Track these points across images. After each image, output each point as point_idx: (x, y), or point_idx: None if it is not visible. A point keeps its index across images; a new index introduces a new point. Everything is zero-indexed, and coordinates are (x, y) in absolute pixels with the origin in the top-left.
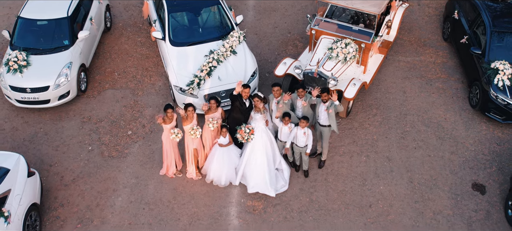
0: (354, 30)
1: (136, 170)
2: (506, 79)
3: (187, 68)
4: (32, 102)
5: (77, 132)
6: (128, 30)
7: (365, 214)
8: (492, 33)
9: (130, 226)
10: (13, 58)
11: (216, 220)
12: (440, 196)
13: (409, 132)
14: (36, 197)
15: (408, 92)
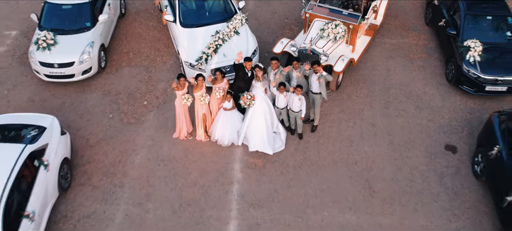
0: (344, 14)
1: (151, 134)
2: (477, 55)
3: (196, 47)
4: (58, 76)
5: (99, 102)
6: (140, 16)
7: (351, 169)
8: (466, 16)
9: (148, 178)
10: (42, 37)
11: (222, 174)
12: (417, 155)
13: (391, 102)
14: (67, 152)
15: (392, 69)
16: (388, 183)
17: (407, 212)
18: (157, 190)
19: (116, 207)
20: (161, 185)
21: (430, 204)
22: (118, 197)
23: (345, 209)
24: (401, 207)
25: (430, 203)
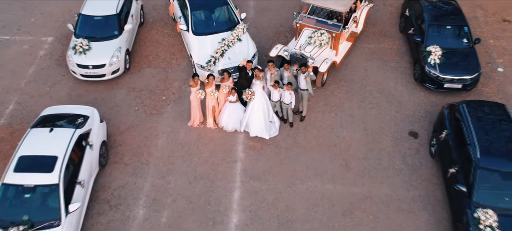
0: (328, 24)
1: (170, 123)
2: (437, 58)
3: (206, 51)
4: (92, 76)
5: (126, 97)
6: (157, 24)
7: (331, 150)
8: (429, 25)
9: (169, 157)
10: (79, 44)
11: (228, 154)
12: (385, 139)
13: (367, 97)
14: (105, 136)
15: (369, 70)
16: (361, 161)
17: (375, 184)
18: (176, 166)
19: (144, 179)
20: (179, 162)
21: (393, 177)
22: (145, 172)
23: (325, 181)
24: (370, 179)
25: (394, 176)
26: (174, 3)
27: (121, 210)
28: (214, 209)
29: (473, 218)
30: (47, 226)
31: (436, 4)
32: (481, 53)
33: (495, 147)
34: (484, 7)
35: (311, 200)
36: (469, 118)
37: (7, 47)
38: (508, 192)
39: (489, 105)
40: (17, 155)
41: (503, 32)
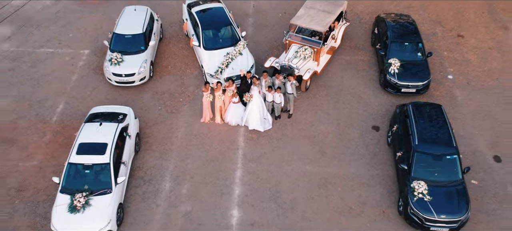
0: (311, 40)
1: (187, 119)
2: (396, 69)
3: (214, 63)
4: (124, 82)
5: (151, 99)
6: (173, 40)
7: (312, 140)
8: (391, 42)
9: (186, 145)
10: (114, 57)
11: (232, 143)
12: (353, 132)
13: (341, 99)
14: (138, 129)
15: (344, 77)
16: (334, 148)
17: (343, 165)
18: (192, 152)
19: (168, 161)
20: (195, 149)
21: (358, 161)
22: (169, 156)
23: (306, 163)
24: (340, 162)
25: (359, 160)
26: (187, 22)
27: (152, 184)
28: (222, 183)
29: (410, 188)
30: (102, 193)
31: (398, 24)
32: (435, 63)
33: (429, 137)
34: (443, 24)
35: (295, 177)
36: (412, 115)
37: (52, 59)
38: (436, 169)
39: (429, 105)
40: (77, 142)
41: (457, 45)
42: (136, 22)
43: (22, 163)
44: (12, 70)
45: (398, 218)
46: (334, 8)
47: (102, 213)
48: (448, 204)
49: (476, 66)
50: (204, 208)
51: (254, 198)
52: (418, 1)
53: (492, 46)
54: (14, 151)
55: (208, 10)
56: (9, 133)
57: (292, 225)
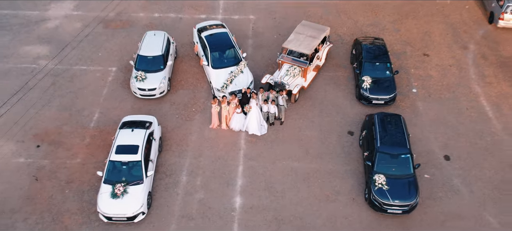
0: (300, 61)
1: (199, 125)
2: (368, 84)
3: (220, 79)
4: (147, 95)
5: (169, 109)
6: (186, 59)
7: (299, 143)
8: (364, 62)
9: (199, 147)
10: (138, 74)
11: (235, 144)
12: (333, 136)
13: (324, 109)
14: (160, 134)
15: (327, 91)
16: (317, 149)
17: (323, 162)
18: (204, 151)
19: (185, 159)
20: (206, 149)
21: (335, 159)
22: (185, 155)
23: (294, 160)
24: (321, 160)
25: (335, 158)
26: (198, 45)
27: (173, 177)
28: (227, 176)
29: (373, 179)
30: (136, 183)
31: (371, 47)
32: (403, 79)
33: (388, 140)
34: (412, 45)
35: (285, 172)
36: (377, 123)
37: (86, 75)
38: (393, 165)
39: (391, 115)
40: (115, 144)
41: (422, 63)
42: (156, 45)
43: (68, 160)
44: (53, 85)
45: (364, 203)
46: (319, 33)
47: (136, 198)
48: (401, 192)
49: (436, 81)
50: (214, 195)
51: (252, 188)
52: (392, 24)
53: (452, 64)
54: (61, 151)
55: (215, 34)
56: (56, 136)
57: (282, 208)
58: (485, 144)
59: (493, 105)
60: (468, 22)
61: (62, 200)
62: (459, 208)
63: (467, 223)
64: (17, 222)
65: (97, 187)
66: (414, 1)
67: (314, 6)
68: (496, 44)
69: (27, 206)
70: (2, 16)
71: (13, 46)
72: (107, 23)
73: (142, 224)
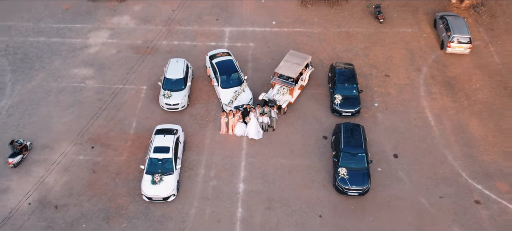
0: (288, 82)
1: (211, 131)
2: (338, 101)
3: (227, 97)
4: (172, 109)
5: (189, 119)
6: (200, 79)
7: (286, 145)
8: (337, 82)
9: (212, 148)
10: (165, 93)
11: (238, 146)
12: (312, 140)
13: (306, 119)
14: (184, 138)
15: (309, 105)
16: (299, 150)
17: (303, 159)
18: (215, 151)
19: (202, 157)
20: (217, 150)
21: (313, 157)
22: (202, 154)
23: (282, 158)
24: (302, 158)
25: (313, 156)
26: (209, 69)
27: (193, 170)
28: (233, 169)
29: (337, 171)
30: (168, 174)
31: (343, 71)
32: (368, 95)
33: (350, 142)
34: (377, 67)
35: (275, 166)
36: (342, 130)
37: (124, 92)
38: (353, 161)
39: (353, 124)
40: (152, 146)
41: (384, 83)
42: (178, 70)
43: (116, 158)
44: (99, 100)
45: (332, 189)
46: (302, 61)
47: (169, 184)
48: (357, 180)
49: (394, 97)
50: (224, 183)
51: (252, 178)
52: (363, 50)
53: (407, 83)
54: (110, 151)
55: (223, 61)
56: (105, 140)
57: (272, 192)
58: (425, 145)
59: (435, 116)
60: (424, 48)
61: (114, 186)
62: (401, 192)
63: (406, 203)
64: (83, 202)
65: (140, 177)
66: (381, 31)
67: (301, 35)
68: (444, 67)
69: (89, 191)
70: (53, 43)
71: (64, 69)
72: (137, 49)
73: (173, 203)
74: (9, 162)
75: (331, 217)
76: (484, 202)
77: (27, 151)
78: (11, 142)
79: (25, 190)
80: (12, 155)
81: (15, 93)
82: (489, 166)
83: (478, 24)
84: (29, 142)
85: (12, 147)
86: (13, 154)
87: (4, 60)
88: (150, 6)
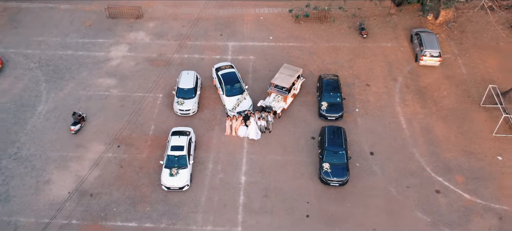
0: (282, 91)
1: (217, 133)
2: (324, 107)
3: (231, 103)
4: (184, 114)
5: (198, 122)
6: (207, 88)
7: (279, 144)
8: (323, 92)
9: (218, 147)
10: (179, 100)
11: (240, 146)
12: (301, 140)
13: (297, 123)
14: (195, 138)
15: (300, 111)
16: (291, 148)
17: (295, 156)
18: (221, 149)
19: (210, 154)
20: (223, 148)
21: (302, 154)
22: (209, 152)
23: (277, 155)
24: (293, 155)
25: (303, 154)
26: (215, 80)
27: (203, 165)
28: (236, 164)
29: (322, 166)
30: (183, 168)
31: (329, 81)
32: (350, 102)
33: (333, 142)
34: (359, 77)
35: (271, 161)
36: (326, 132)
37: (143, 100)
38: (335, 157)
39: (336, 127)
40: (170, 145)
41: (364, 91)
42: (189, 80)
43: (138, 155)
44: (122, 106)
45: (317, 180)
46: (295, 73)
47: (184, 176)
48: (338, 173)
49: (372, 103)
50: (228, 176)
51: (251, 171)
52: (347, 62)
53: (384, 91)
54: (133, 149)
55: (227, 73)
56: (129, 140)
57: (269, 183)
58: (397, 145)
59: (407, 120)
60: (401, 61)
61: (138, 178)
62: (374, 183)
63: (378, 192)
64: (113, 191)
65: (159, 170)
66: (364, 45)
67: (294, 49)
68: (417, 77)
69: (117, 182)
70: (79, 56)
71: (90, 79)
72: (152, 61)
73: (187, 192)
74: (71, 129)
75: (317, 203)
76: (443, 192)
77: (84, 121)
78: (73, 113)
79: (65, 182)
80: (74, 124)
81: (50, 100)
82: (450, 162)
83: (450, 38)
84: (85, 114)
85: (74, 117)
86: (74, 122)
87: (38, 71)
88: (163, 23)
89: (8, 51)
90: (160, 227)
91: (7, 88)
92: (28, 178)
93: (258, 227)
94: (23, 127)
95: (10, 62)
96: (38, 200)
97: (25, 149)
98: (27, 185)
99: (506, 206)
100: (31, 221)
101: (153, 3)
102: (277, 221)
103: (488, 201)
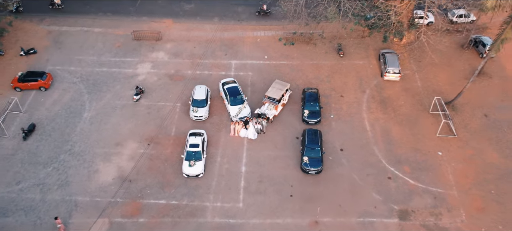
0: (273, 101)
1: (224, 134)
2: (306, 114)
3: (234, 111)
4: (198, 119)
5: (208, 126)
6: (215, 99)
7: (272, 143)
8: (305, 102)
9: (225, 145)
10: (193, 108)
11: (241, 145)
12: (288, 139)
13: (287, 127)
14: (207, 139)
15: (289, 117)
16: (281, 145)
17: (284, 151)
18: (227, 147)
19: (218, 150)
20: (228, 146)
21: (289, 150)
22: (218, 148)
23: (269, 151)
24: (283, 150)
25: (289, 149)
26: (222, 92)
27: (212, 159)
28: (238, 158)
29: (302, 159)
30: (199, 160)
31: (311, 93)
32: (327, 110)
33: (312, 140)
34: (336, 90)
35: (265, 156)
36: (306, 133)
37: (165, 108)
38: (312, 152)
39: (314, 130)
40: (188, 143)
41: (339, 101)
42: (201, 93)
43: (164, 151)
44: (148, 113)
45: (299, 170)
46: (284, 87)
47: (200, 167)
48: (315, 164)
49: (344, 111)
50: (232, 166)
51: (250, 163)
52: (326, 77)
53: (354, 101)
54: (160, 147)
55: (231, 87)
56: (156, 139)
57: (263, 172)
58: (361, 143)
59: (370, 124)
60: (369, 76)
61: (164, 168)
62: (342, 172)
63: (344, 178)
64: (146, 178)
65: (181, 162)
66: (341, 63)
67: (284, 67)
68: (381, 89)
69: (149, 171)
70: (113, 72)
71: (123, 91)
72: (171, 77)
73: (202, 179)
74: (134, 97)
75: (298, 186)
76: (394, 178)
77: (143, 93)
78: (136, 87)
79: (109, 171)
80: (136, 94)
81: (92, 109)
82: (401, 156)
83: (410, 57)
84: (144, 88)
85: (136, 90)
86: (136, 93)
87: (81, 85)
88: (178, 44)
89: (56, 68)
90: (182, 204)
91: (57, 99)
92: (81, 168)
93: (255, 204)
94: (73, 129)
95: (58, 77)
96: (90, 184)
97: (77, 146)
98: (81, 174)
99: (441, 189)
100: (86, 200)
101: (170, 28)
102: (269, 199)
103: (427, 185)
